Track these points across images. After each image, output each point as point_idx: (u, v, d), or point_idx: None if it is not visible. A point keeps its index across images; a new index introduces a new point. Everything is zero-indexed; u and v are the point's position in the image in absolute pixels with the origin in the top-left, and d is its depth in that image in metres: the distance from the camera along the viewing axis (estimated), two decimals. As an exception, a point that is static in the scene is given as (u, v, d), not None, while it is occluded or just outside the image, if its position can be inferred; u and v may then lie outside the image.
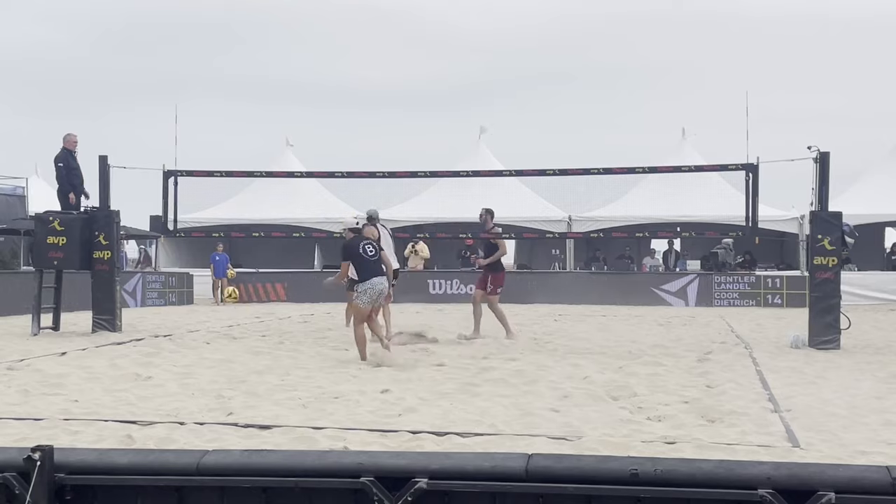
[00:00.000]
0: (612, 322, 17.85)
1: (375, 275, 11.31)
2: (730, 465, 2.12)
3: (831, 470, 2.05)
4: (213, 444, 6.27)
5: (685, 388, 8.98)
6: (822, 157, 13.25)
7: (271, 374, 9.83)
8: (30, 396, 8.31)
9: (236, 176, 19.63)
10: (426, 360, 11.08)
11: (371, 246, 11.46)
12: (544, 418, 7.34)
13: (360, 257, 11.29)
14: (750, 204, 14.11)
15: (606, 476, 2.10)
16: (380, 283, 11.32)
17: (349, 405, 7.92)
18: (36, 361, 10.72)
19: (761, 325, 17.49)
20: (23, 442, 5.98)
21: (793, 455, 6.09)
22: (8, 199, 26.66)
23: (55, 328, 14.83)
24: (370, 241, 11.58)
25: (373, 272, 11.30)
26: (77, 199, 15.31)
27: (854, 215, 19.25)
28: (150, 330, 15.21)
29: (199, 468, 2.23)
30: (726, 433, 6.80)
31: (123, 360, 10.89)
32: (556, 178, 21.23)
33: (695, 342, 13.69)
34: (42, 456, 2.17)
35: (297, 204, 28.20)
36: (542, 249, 30.15)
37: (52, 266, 14.87)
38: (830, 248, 13.03)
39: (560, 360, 11.10)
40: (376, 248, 11.54)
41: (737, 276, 25.00)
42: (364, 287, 11.20)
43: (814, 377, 9.86)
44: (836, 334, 12.93)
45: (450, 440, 6.52)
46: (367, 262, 11.30)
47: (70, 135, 15.41)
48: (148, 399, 8.20)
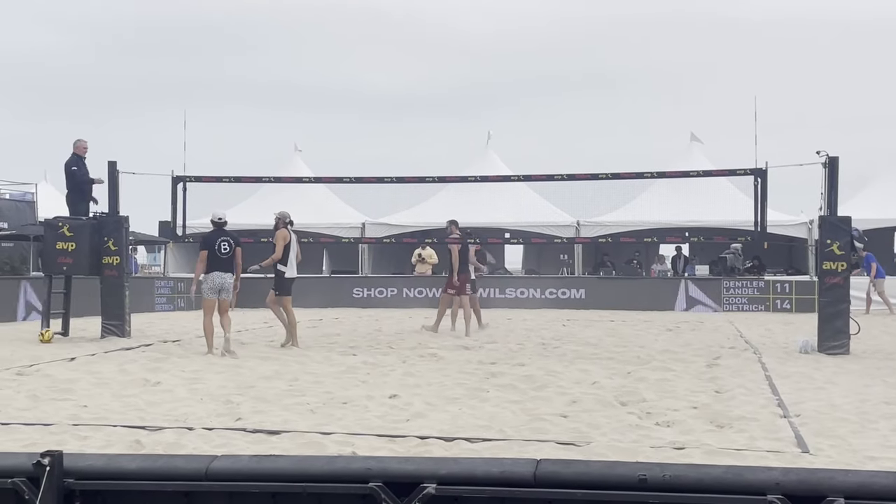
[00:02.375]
0: (620, 327, 17.82)
1: (218, 270, 12.58)
2: (739, 470, 2.11)
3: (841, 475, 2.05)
4: (222, 449, 6.28)
5: (694, 393, 8.97)
6: (830, 161, 13.22)
7: (280, 379, 9.84)
8: (39, 401, 8.33)
9: (245, 181, 19.70)
10: (433, 365, 11.09)
11: (227, 244, 12.69)
12: (553, 423, 7.33)
13: (213, 252, 12.62)
14: (759, 209, 14.08)
15: (615, 482, 2.10)
16: (219, 276, 12.59)
17: (357, 410, 7.92)
18: (45, 367, 10.75)
19: (770, 330, 17.44)
20: (32, 447, 6.00)
21: (802, 460, 6.08)
22: (17, 205, 26.73)
23: (64, 333, 14.86)
24: (227, 240, 12.74)
25: (217, 267, 12.59)
26: (89, 199, 15.32)
27: (863, 220, 19.18)
28: (158, 335, 15.23)
29: (207, 473, 2.24)
30: (735, 438, 6.78)
31: (132, 365, 10.91)
32: (564, 182, 21.18)
33: (704, 347, 13.66)
34: (51, 461, 2.18)
35: (305, 209, 28.18)
36: (550, 254, 30.12)
37: (62, 272, 14.91)
38: (839, 252, 13.00)
39: (568, 366, 11.08)
40: (232, 246, 12.73)
41: (745, 280, 24.93)
42: (205, 278, 12.61)
43: (823, 382, 9.83)
44: (845, 339, 12.88)
45: (458, 445, 6.52)
46: (217, 258, 12.61)
47: (80, 141, 15.45)
48: (157, 404, 8.22)
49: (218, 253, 12.63)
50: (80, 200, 15.31)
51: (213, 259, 12.63)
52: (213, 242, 12.67)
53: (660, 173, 18.51)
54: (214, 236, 12.78)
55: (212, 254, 12.61)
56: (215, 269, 12.62)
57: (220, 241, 12.67)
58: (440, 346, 13.34)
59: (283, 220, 13.91)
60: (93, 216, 15.13)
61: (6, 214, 25.61)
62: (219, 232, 12.85)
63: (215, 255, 12.62)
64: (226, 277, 12.65)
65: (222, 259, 12.66)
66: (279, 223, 13.84)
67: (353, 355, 12.16)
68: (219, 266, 12.64)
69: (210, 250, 12.61)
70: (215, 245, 12.64)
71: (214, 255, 12.62)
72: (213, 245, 12.64)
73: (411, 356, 12.09)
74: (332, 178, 20.81)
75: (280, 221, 13.92)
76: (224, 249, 12.65)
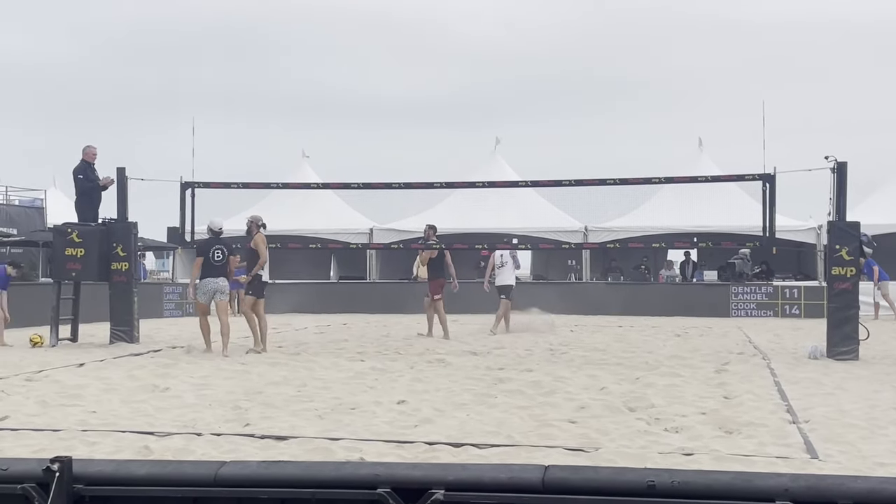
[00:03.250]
0: (628, 332, 17.79)
1: (211, 276, 13.23)
2: (748, 476, 2.11)
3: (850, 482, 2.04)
4: (230, 455, 6.29)
5: (703, 399, 8.95)
6: (839, 166, 13.19)
7: (288, 385, 9.84)
8: (48, 407, 8.35)
9: (253, 187, 19.72)
10: (441, 371, 11.09)
11: (220, 252, 13.33)
12: (561, 429, 7.32)
13: (208, 259, 13.24)
14: (767, 214, 14.06)
15: (623, 488, 2.09)
16: (212, 282, 13.26)
17: (365, 416, 7.92)
18: (54, 372, 10.78)
19: (779, 335, 17.40)
20: (41, 453, 6.01)
21: (811, 467, 6.06)
22: (27, 211, 26.84)
23: (73, 339, 14.90)
24: (221, 248, 13.36)
25: (210, 273, 13.25)
26: (97, 206, 15.36)
27: (872, 225, 19.13)
28: (167, 341, 15.26)
29: (216, 479, 2.24)
30: (744, 444, 6.77)
31: (141, 371, 10.93)
32: (572, 188, 21.12)
33: (712, 353, 13.63)
34: (61, 467, 2.18)
35: (313, 215, 28.25)
36: (558, 260, 30.09)
37: (71, 278, 14.95)
38: (848, 258, 12.97)
39: (577, 371, 11.07)
40: (225, 254, 13.37)
41: (754, 286, 24.88)
42: (199, 284, 13.24)
43: (832, 388, 9.80)
44: (854, 345, 12.85)
45: (466, 451, 6.52)
46: (211, 265, 13.27)
47: (89, 147, 15.48)
48: (165, 410, 8.23)
49: (212, 260, 13.28)
50: (89, 207, 15.34)
51: (207, 266, 13.27)
52: (208, 250, 13.31)
53: (668, 178, 18.51)
54: (209, 244, 13.40)
55: (206, 261, 13.25)
56: (208, 276, 13.27)
57: (215, 249, 13.33)
58: (448, 352, 13.34)
59: (256, 223, 14.09)
60: (101, 222, 15.17)
61: (16, 220, 25.72)
62: (214, 240, 13.47)
63: (209, 262, 13.26)
64: (219, 282, 13.30)
65: (216, 266, 13.30)
66: (253, 227, 14.05)
67: (362, 361, 12.17)
68: (212, 272, 13.28)
69: (205, 257, 13.24)
70: (210, 253, 13.28)
71: (209, 262, 13.26)
72: (208, 252, 13.28)
73: (419, 362, 12.09)
74: (340, 184, 20.78)
75: (253, 225, 14.08)
76: (217, 257, 13.32)
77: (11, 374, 10.46)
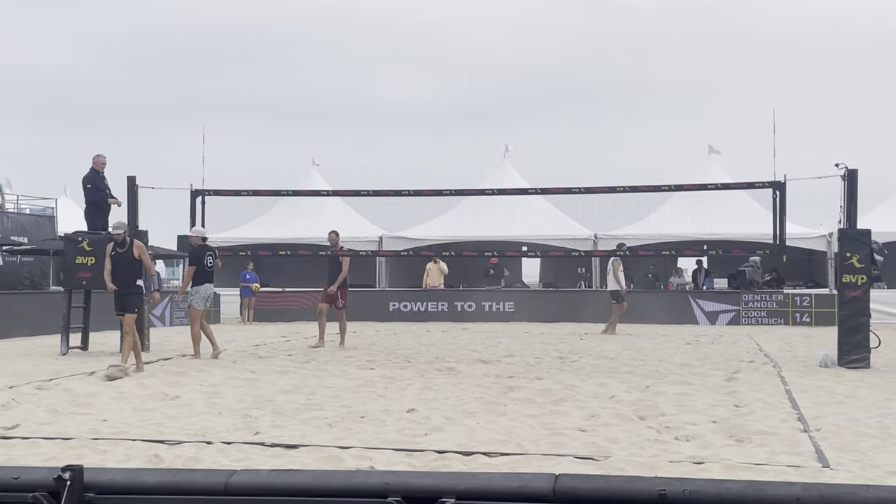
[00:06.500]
0: (638, 340, 17.75)
1: (207, 282, 13.78)
2: (759, 485, 2.10)
3: (862, 491, 2.03)
4: (241, 463, 6.30)
5: (713, 407, 8.92)
6: (850, 174, 13.16)
7: (298, 393, 9.85)
8: (59, 416, 8.37)
9: (263, 195, 19.77)
10: (451, 379, 11.08)
11: (211, 258, 13.89)
12: (571, 438, 7.31)
13: (202, 266, 13.71)
14: (777, 222, 14.03)
15: (634, 497, 2.09)
16: (210, 288, 13.89)
17: (375, 424, 7.92)
18: (65, 381, 10.80)
19: (790, 343, 17.34)
20: (52, 461, 6.03)
21: (823, 475, 6.04)
22: (37, 220, 26.92)
23: (84, 348, 14.93)
24: (211, 254, 13.94)
25: (205, 279, 13.75)
26: (106, 217, 15.41)
27: (883, 233, 19.08)
28: (177, 349, 15.27)
29: (227, 488, 2.24)
30: (755, 453, 6.74)
31: (151, 379, 10.95)
32: (581, 196, 21.14)
33: (722, 361, 13.59)
34: (72, 476, 2.18)
35: (323, 222, 28.25)
36: (568, 268, 30.07)
37: (81, 286, 14.99)
38: (859, 265, 12.93)
39: (587, 379, 11.05)
40: (213, 260, 13.94)
41: (765, 294, 24.81)
42: (195, 289, 13.67)
43: (844, 396, 9.76)
44: (865, 353, 12.80)
45: (476, 460, 6.51)
46: (205, 271, 13.76)
47: (99, 156, 15.53)
48: (175, 418, 8.24)
49: (206, 266, 13.79)
50: (98, 216, 15.39)
51: (202, 272, 13.75)
52: (202, 257, 13.79)
53: (678, 186, 18.48)
54: (202, 252, 13.86)
55: (200, 268, 13.74)
56: (205, 282, 13.79)
57: (207, 256, 13.86)
58: (458, 360, 13.34)
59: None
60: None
61: (27, 229, 25.80)
62: (205, 247, 13.95)
63: (204, 268, 13.77)
64: (212, 288, 14.06)
65: (209, 272, 13.84)
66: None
67: (371, 369, 12.17)
68: (207, 278, 13.82)
69: (199, 265, 13.73)
70: (203, 260, 13.78)
71: (203, 268, 13.76)
72: (202, 260, 13.77)
73: (429, 370, 12.09)
74: (350, 192, 20.85)
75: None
76: (209, 263, 13.87)
77: (22, 383, 10.49)
